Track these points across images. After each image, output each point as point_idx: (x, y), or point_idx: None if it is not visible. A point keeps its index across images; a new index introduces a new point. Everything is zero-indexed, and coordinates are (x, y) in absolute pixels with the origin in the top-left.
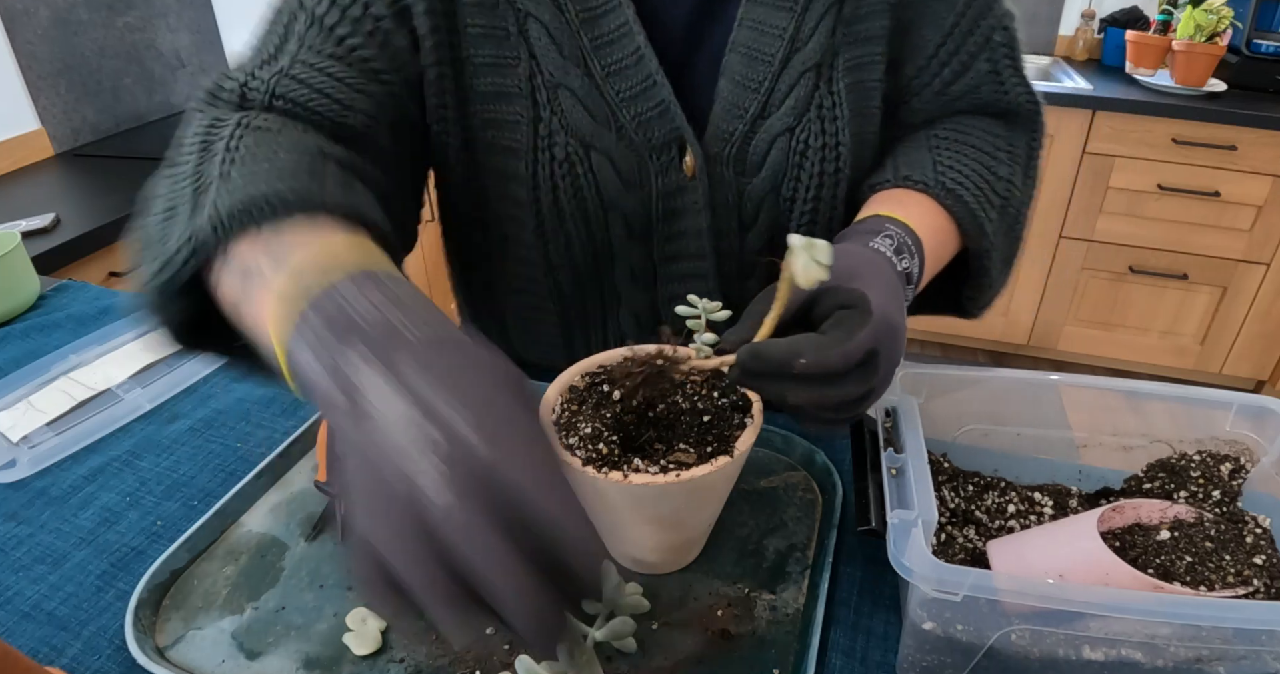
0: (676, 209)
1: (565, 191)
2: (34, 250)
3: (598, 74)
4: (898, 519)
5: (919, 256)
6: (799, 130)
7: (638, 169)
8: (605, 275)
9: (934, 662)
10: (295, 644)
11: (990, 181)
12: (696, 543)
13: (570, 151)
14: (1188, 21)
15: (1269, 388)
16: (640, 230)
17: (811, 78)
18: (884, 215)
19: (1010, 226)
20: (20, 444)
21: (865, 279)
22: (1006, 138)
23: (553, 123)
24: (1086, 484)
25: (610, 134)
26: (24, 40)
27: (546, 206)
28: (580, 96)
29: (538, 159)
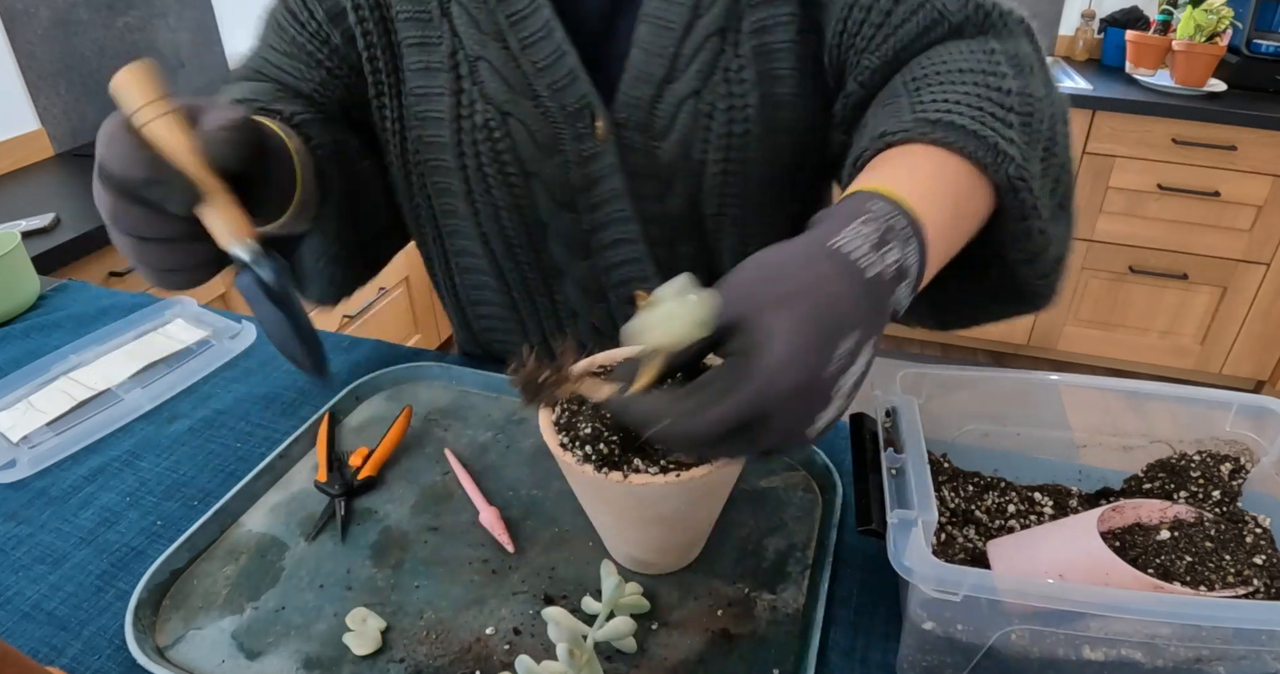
0: (594, 175)
1: (486, 157)
2: (34, 250)
3: (514, 47)
4: (898, 519)
5: (916, 238)
6: (705, 93)
7: (553, 136)
8: (540, 246)
9: (934, 662)
10: (295, 644)
11: (995, 98)
12: (696, 543)
13: (488, 118)
14: (1188, 21)
15: (1269, 388)
16: (564, 198)
17: (716, 42)
18: (867, 191)
19: (1048, 147)
20: (20, 444)
21: (784, 309)
22: (1004, 50)
23: (473, 93)
24: (1086, 484)
25: (527, 102)
26: (24, 40)
27: (472, 173)
28: (498, 67)
29: (460, 127)
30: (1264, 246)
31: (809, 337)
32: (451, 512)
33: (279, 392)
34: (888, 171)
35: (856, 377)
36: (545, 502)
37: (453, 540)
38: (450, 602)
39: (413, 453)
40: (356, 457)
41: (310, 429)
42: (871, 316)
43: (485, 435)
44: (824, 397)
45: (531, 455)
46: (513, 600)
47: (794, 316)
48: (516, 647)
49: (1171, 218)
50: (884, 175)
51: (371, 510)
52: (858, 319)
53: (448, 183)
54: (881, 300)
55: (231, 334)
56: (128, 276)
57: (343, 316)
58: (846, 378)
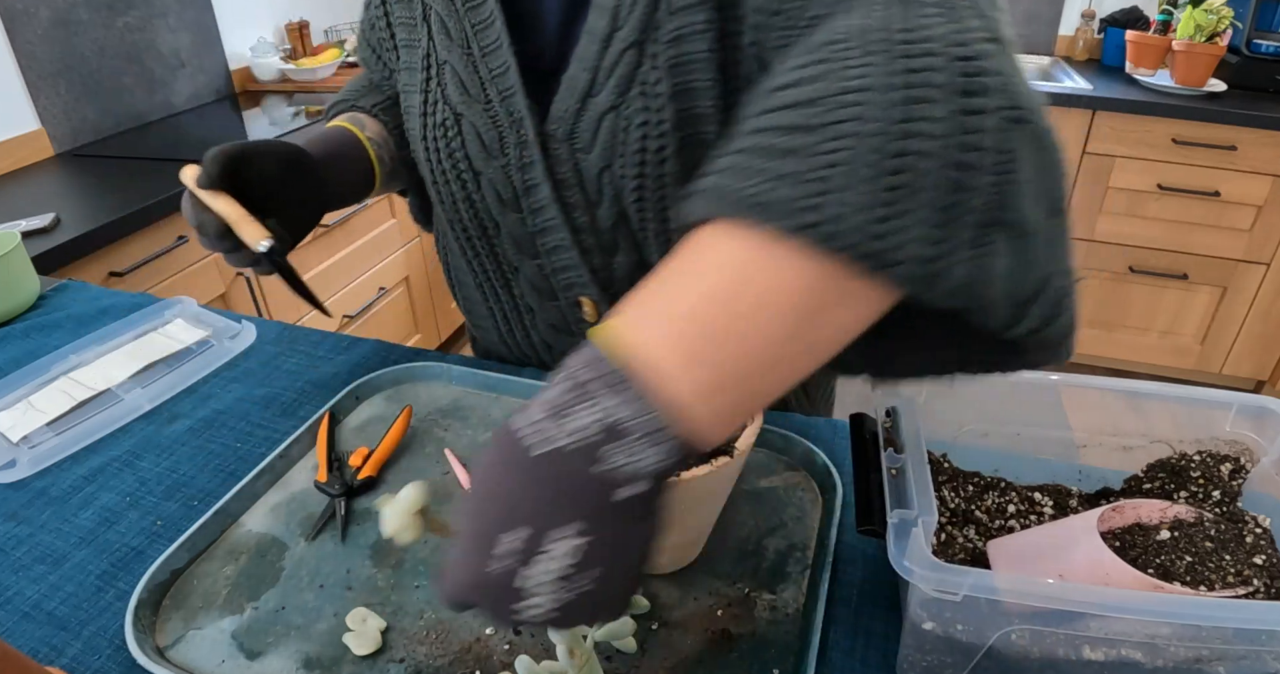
0: (531, 182)
1: (443, 152)
2: (34, 250)
3: (476, 54)
4: (898, 519)
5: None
6: (623, 108)
7: (499, 139)
8: (495, 242)
9: (934, 662)
10: (295, 644)
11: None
12: (696, 543)
13: (445, 117)
14: (1188, 21)
15: (1269, 388)
16: (509, 200)
17: (634, 55)
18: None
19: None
20: (20, 444)
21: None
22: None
23: (436, 93)
24: (1086, 484)
25: (479, 106)
26: (24, 40)
27: (435, 166)
28: (458, 71)
29: (426, 123)
30: (1264, 246)
31: (466, 537)
32: (451, 512)
33: (279, 392)
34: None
35: (558, 568)
36: None
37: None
38: None
39: (413, 453)
40: (356, 457)
41: (310, 429)
42: (549, 502)
43: (485, 435)
44: (505, 591)
45: None
46: None
47: (466, 513)
48: (516, 647)
49: (1171, 218)
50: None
51: (371, 511)
52: (523, 510)
53: (424, 174)
54: (569, 476)
55: (231, 334)
56: (128, 276)
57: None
58: (533, 571)
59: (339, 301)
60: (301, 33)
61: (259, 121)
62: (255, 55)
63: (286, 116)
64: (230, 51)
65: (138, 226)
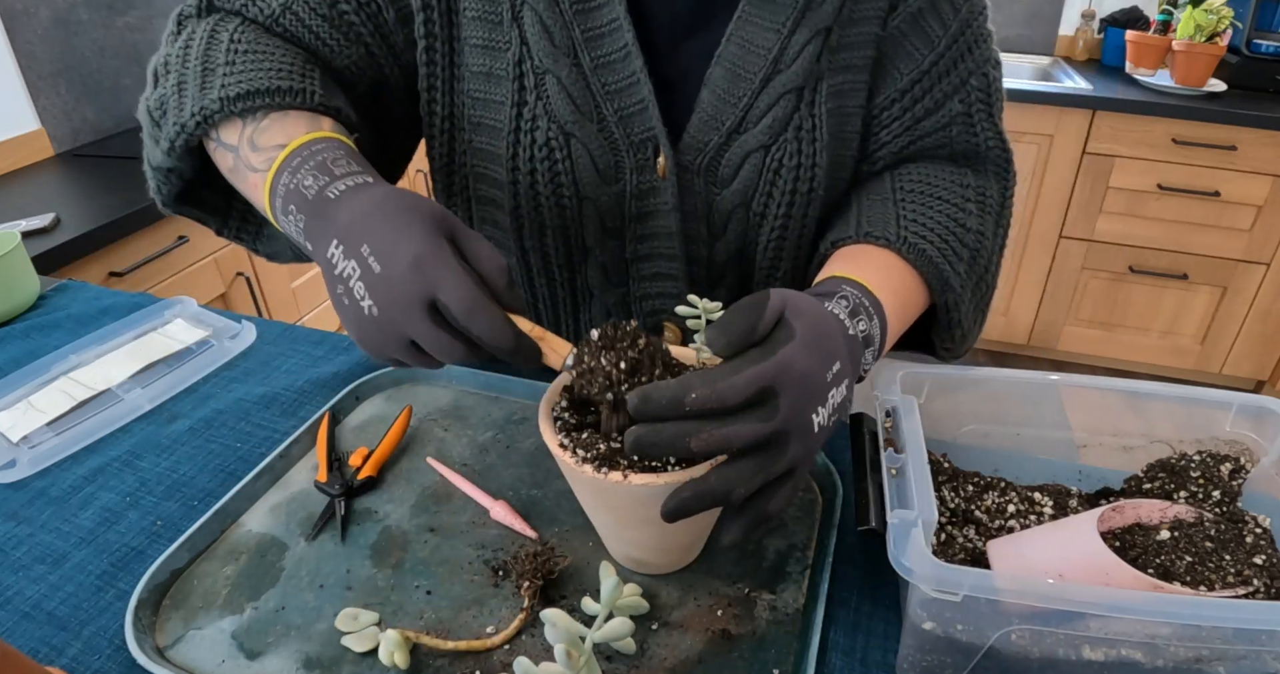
0: (647, 209)
1: (543, 176)
2: (34, 250)
3: (586, 65)
4: (898, 519)
5: (878, 318)
6: (774, 149)
7: (614, 163)
8: (578, 269)
9: (934, 662)
10: (295, 644)
11: (958, 234)
12: (696, 543)
13: (551, 136)
14: (1188, 21)
15: (1269, 388)
16: (613, 226)
17: (792, 99)
18: (840, 277)
19: (980, 277)
20: (20, 444)
21: (796, 321)
22: (976, 187)
23: (537, 107)
24: (1086, 484)
25: (592, 125)
26: (24, 40)
27: (524, 190)
28: (566, 85)
29: (519, 140)
30: (1264, 246)
31: (815, 347)
32: (451, 512)
33: (279, 392)
34: (861, 267)
35: (838, 401)
36: (545, 501)
37: (452, 540)
38: (450, 602)
39: (413, 453)
40: (356, 457)
41: (310, 429)
42: (850, 360)
43: (485, 435)
44: (821, 395)
45: (531, 455)
46: (513, 600)
47: (811, 329)
48: (515, 647)
49: (1171, 218)
50: (860, 269)
51: (371, 510)
52: (844, 355)
53: (494, 193)
54: (856, 354)
55: (231, 334)
56: (128, 276)
57: None
58: (835, 393)
59: None
60: None
61: None
62: None
63: None
64: None
65: (138, 226)
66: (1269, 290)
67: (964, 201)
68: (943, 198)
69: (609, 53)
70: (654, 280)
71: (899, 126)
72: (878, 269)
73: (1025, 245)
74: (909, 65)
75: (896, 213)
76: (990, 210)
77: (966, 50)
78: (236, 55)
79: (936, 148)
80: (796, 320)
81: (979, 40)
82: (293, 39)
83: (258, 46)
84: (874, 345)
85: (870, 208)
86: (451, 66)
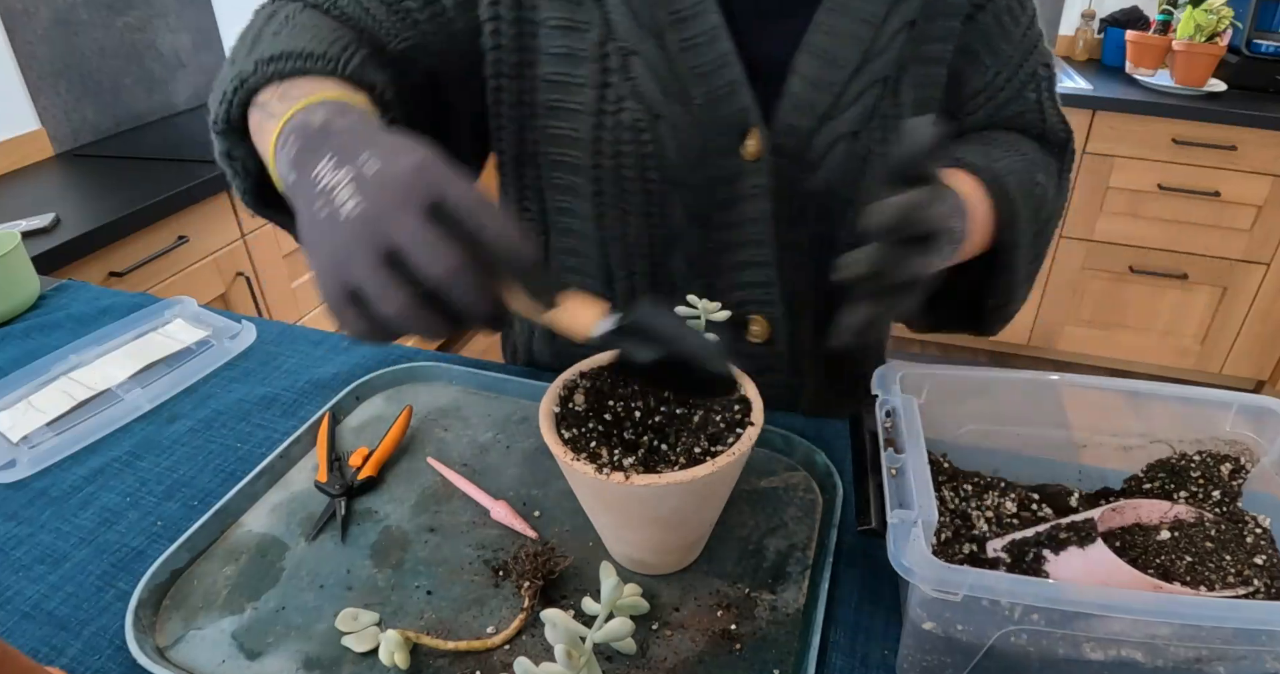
0: (737, 194)
1: (630, 158)
2: (34, 250)
3: (673, 47)
4: (898, 519)
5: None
6: (862, 136)
7: (701, 146)
8: (662, 259)
9: (934, 662)
10: (295, 644)
11: (1030, 185)
12: (697, 544)
13: (637, 118)
14: (1188, 21)
15: (1269, 388)
16: (700, 213)
17: (880, 88)
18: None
19: (1039, 231)
20: (20, 444)
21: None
22: (1045, 158)
23: (622, 88)
24: (1086, 484)
25: (679, 106)
26: (24, 40)
27: (607, 174)
28: (653, 65)
29: (602, 123)
30: (1264, 246)
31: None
32: (451, 512)
33: (279, 392)
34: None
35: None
36: (545, 501)
37: (453, 540)
38: (450, 602)
39: (413, 453)
40: (356, 457)
41: (310, 429)
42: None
43: (485, 435)
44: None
45: (531, 455)
46: (513, 600)
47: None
48: (516, 647)
49: (1171, 218)
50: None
51: (371, 510)
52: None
53: (572, 181)
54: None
55: (231, 334)
56: (128, 276)
57: None
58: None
59: None
60: None
61: None
62: None
63: None
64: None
65: (138, 226)
66: (1269, 290)
67: (1037, 162)
68: (1024, 153)
69: (696, 34)
70: (742, 270)
71: (983, 114)
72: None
73: None
74: (994, 59)
75: (986, 150)
76: (1053, 176)
77: (1035, 44)
78: (284, 28)
79: (1012, 129)
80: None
81: (1039, 36)
82: (349, 22)
83: (307, 22)
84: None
85: (962, 145)
86: (521, 51)
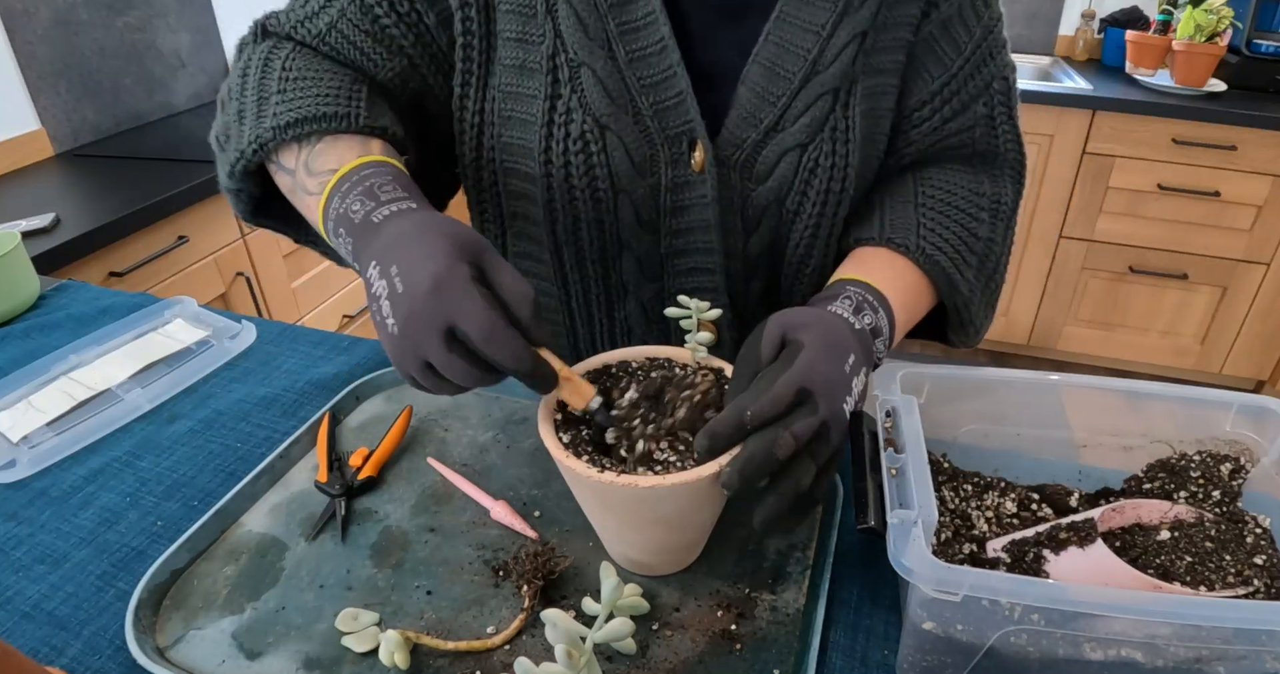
0: (683, 203)
1: (577, 169)
2: (34, 250)
3: (621, 58)
4: (898, 519)
5: (884, 310)
6: (810, 148)
7: (650, 156)
8: (613, 264)
9: (934, 662)
10: (295, 644)
11: (969, 243)
12: (697, 544)
13: (586, 129)
14: (1188, 21)
15: (1269, 388)
16: (648, 220)
17: (829, 100)
18: (846, 279)
19: (988, 279)
20: (20, 444)
21: (812, 331)
22: (991, 195)
23: (571, 100)
24: (1086, 484)
25: (627, 117)
26: (24, 40)
27: (558, 183)
28: (601, 77)
29: (552, 134)
30: (1264, 246)
31: (830, 345)
32: (451, 512)
33: (279, 392)
34: (873, 269)
35: (860, 388)
36: (545, 502)
37: (453, 540)
38: (450, 602)
39: (413, 453)
40: (356, 457)
41: (310, 429)
42: (862, 351)
43: (485, 435)
44: (846, 386)
45: (531, 455)
46: (513, 600)
47: (819, 335)
48: (516, 648)
49: (1171, 218)
50: (869, 271)
51: (371, 510)
52: (855, 347)
53: (525, 188)
54: (866, 344)
55: (231, 334)
56: (128, 276)
57: (343, 316)
58: (856, 383)
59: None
60: None
61: None
62: None
63: None
64: (230, 51)
65: (138, 226)
66: (1269, 290)
67: (978, 211)
68: (960, 208)
69: (645, 46)
70: (689, 275)
71: (928, 127)
72: (886, 269)
73: (1025, 245)
74: (939, 69)
75: (918, 220)
76: (1002, 217)
77: (989, 55)
78: (287, 83)
79: (960, 147)
80: (802, 333)
81: (999, 46)
82: (340, 57)
83: (307, 72)
84: (883, 335)
85: (893, 211)
86: (487, 64)
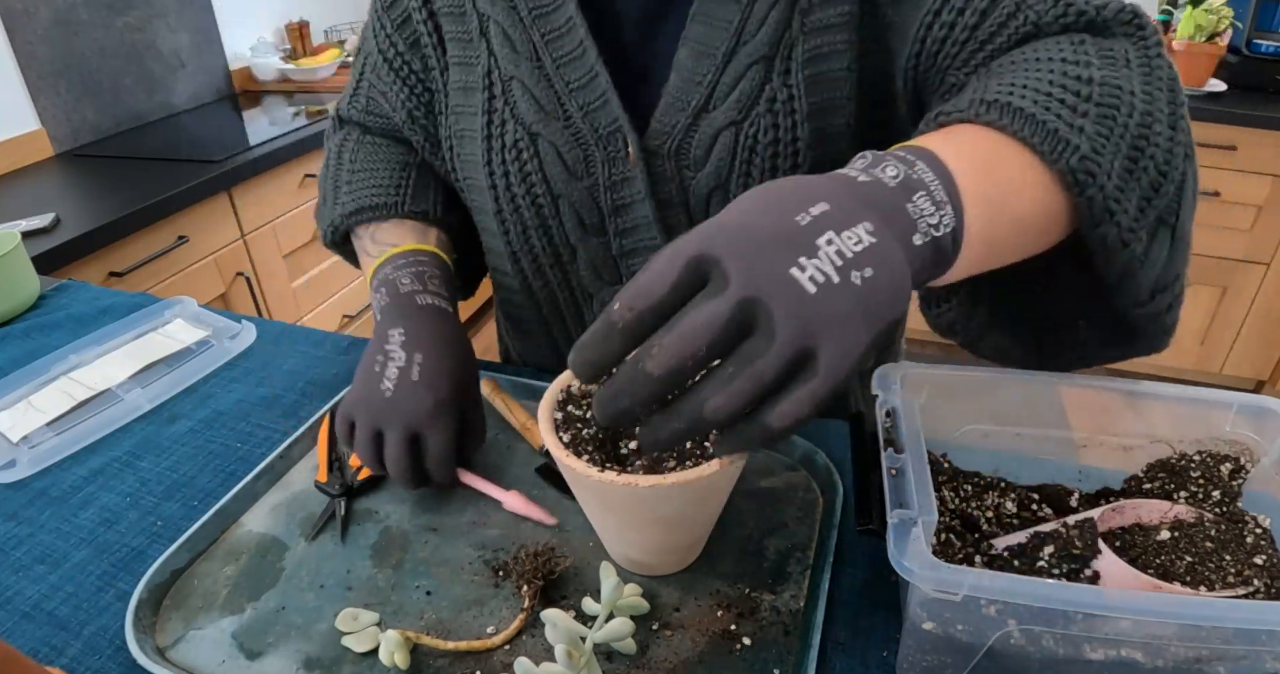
0: (624, 202)
1: (515, 177)
2: (34, 250)
3: (549, 66)
4: (898, 519)
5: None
6: (746, 125)
7: (584, 158)
8: (569, 269)
9: (934, 662)
10: (295, 644)
11: (1070, 86)
12: (697, 544)
13: (518, 138)
14: (1188, 21)
15: (1269, 388)
16: (593, 222)
17: (760, 70)
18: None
19: (1136, 146)
20: (20, 444)
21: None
22: (1098, 44)
23: (504, 112)
24: (1086, 484)
25: (558, 123)
26: (24, 40)
27: (501, 192)
28: (530, 87)
29: (490, 145)
30: (1264, 246)
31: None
32: (451, 512)
33: (279, 392)
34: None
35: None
36: (545, 502)
37: (453, 540)
38: (450, 602)
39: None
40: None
41: (310, 429)
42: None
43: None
44: (797, 242)
45: (531, 455)
46: (513, 600)
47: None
48: (516, 648)
49: None
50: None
51: (371, 511)
52: (829, 194)
53: (479, 200)
54: (873, 196)
55: (231, 334)
56: (128, 276)
57: (343, 317)
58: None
59: (339, 301)
60: (301, 33)
61: (259, 122)
62: (255, 55)
63: (287, 117)
64: (230, 51)
65: (138, 226)
66: (1269, 290)
67: (1079, 55)
68: (1045, 57)
69: (569, 52)
70: None
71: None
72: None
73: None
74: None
75: (975, 88)
76: (1126, 65)
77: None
78: (353, 174)
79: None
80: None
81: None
82: (386, 126)
83: (365, 164)
84: (926, 189)
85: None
86: (445, 88)
